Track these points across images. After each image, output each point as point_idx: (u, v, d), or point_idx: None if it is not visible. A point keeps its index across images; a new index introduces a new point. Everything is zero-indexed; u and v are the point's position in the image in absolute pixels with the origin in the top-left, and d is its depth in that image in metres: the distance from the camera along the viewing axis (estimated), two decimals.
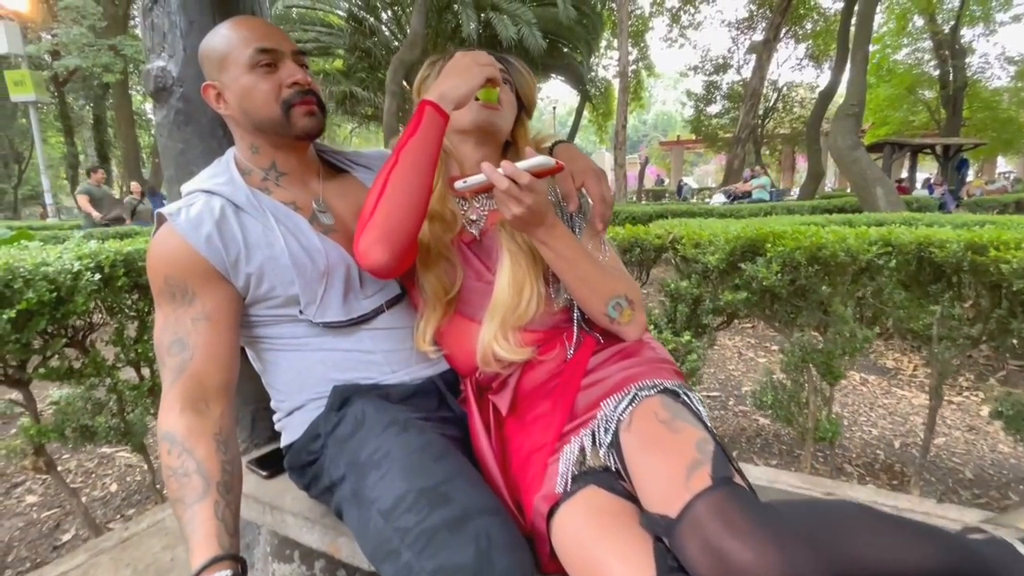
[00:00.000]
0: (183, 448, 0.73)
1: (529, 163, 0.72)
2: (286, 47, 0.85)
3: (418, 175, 0.78)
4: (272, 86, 0.83)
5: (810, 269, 1.63)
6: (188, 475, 0.71)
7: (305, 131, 0.86)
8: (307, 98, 0.85)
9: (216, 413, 0.78)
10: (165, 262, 0.78)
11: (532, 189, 0.73)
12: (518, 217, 0.75)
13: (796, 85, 20.42)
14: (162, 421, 0.75)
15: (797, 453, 2.08)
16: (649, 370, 0.79)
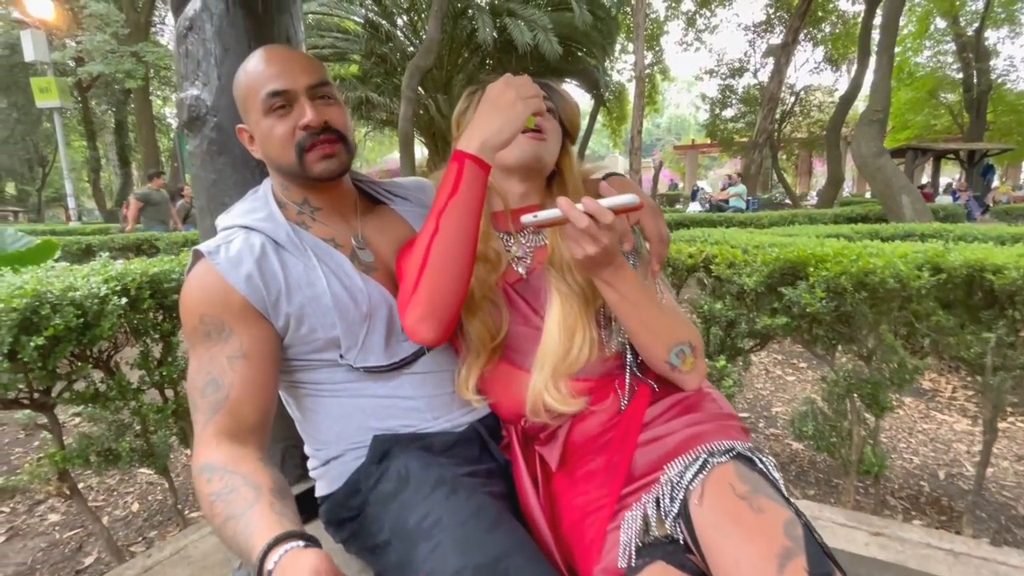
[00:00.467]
0: (225, 470, 0.65)
1: (614, 201, 0.66)
2: (300, 83, 0.78)
3: (463, 241, 0.73)
4: (286, 130, 0.78)
5: (857, 296, 1.55)
6: (235, 489, 0.63)
7: (321, 175, 0.80)
8: (320, 139, 0.79)
9: (252, 447, 0.71)
10: (201, 300, 0.74)
11: (612, 228, 0.67)
12: (591, 257, 0.69)
13: (814, 89, 20.14)
14: (197, 457, 0.69)
15: (835, 483, 1.99)
16: (716, 429, 0.73)
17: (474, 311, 0.82)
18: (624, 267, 0.74)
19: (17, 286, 1.29)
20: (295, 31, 1.03)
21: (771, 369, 3.22)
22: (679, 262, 2.14)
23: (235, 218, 0.81)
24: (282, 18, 0.99)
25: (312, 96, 0.79)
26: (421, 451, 0.79)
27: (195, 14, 0.91)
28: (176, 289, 1.58)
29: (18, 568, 1.66)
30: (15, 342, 1.23)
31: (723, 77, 19.98)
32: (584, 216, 0.66)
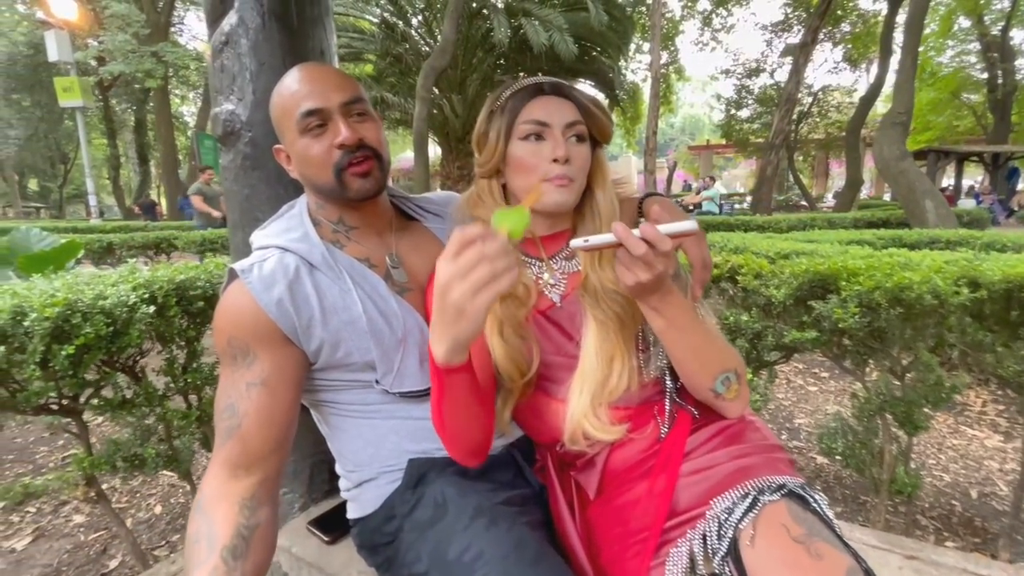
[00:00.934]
0: (202, 512, 0.69)
1: (673, 228, 0.63)
2: (334, 101, 0.77)
3: (469, 418, 0.70)
4: (323, 149, 0.77)
5: (892, 312, 1.51)
6: (197, 540, 0.67)
7: (360, 195, 0.80)
8: (358, 157, 0.78)
9: (254, 479, 0.72)
10: (231, 322, 0.74)
11: (669, 255, 0.64)
12: (642, 284, 0.66)
13: (832, 89, 19.83)
14: (199, 488, 0.72)
15: (862, 499, 1.95)
16: (764, 462, 0.70)
17: (503, 347, 0.78)
18: (672, 292, 0.71)
19: (49, 294, 1.30)
20: (328, 44, 1.02)
21: (792, 379, 3.17)
22: None
23: (270, 237, 0.80)
24: (316, 31, 0.98)
25: (346, 113, 0.78)
26: (457, 476, 0.78)
27: (231, 29, 0.91)
28: (201, 296, 1.59)
29: (44, 570, 1.68)
30: (47, 351, 1.24)
31: (739, 77, 19.76)
32: (641, 243, 0.63)
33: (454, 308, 0.54)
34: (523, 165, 0.78)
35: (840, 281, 1.62)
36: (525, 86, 0.79)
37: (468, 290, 0.52)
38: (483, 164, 0.81)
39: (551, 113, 0.76)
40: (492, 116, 0.80)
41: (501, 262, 0.53)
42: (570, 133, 0.77)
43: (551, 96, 0.78)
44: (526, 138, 0.77)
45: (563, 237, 0.86)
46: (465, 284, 0.52)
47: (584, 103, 0.79)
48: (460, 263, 0.52)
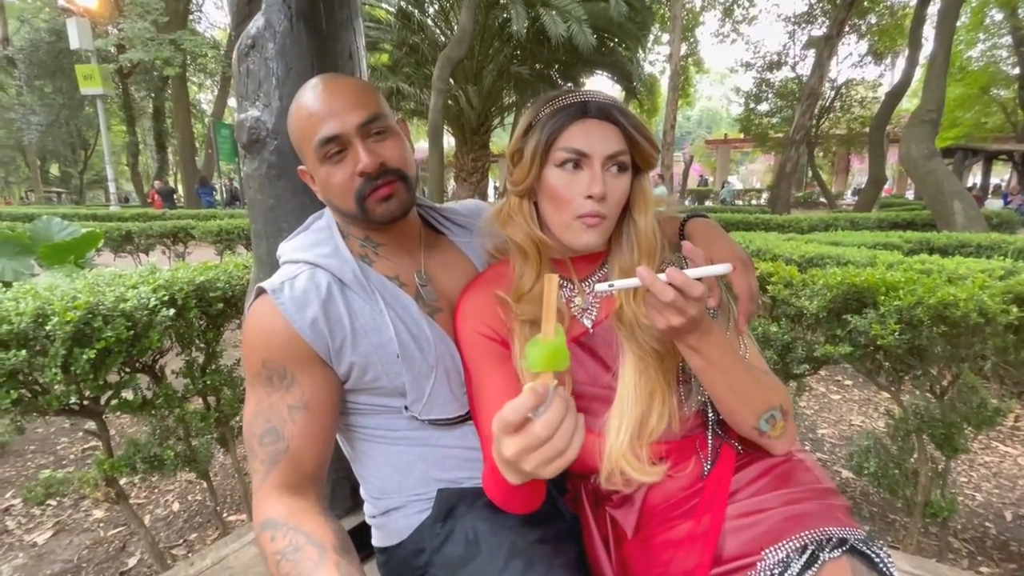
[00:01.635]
0: (288, 527, 0.64)
1: (704, 272, 0.59)
2: (351, 122, 0.72)
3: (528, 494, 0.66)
4: (345, 176, 0.73)
5: (935, 330, 1.44)
6: (299, 548, 0.62)
7: (385, 218, 0.76)
8: (379, 183, 0.74)
9: (312, 497, 0.69)
10: (264, 344, 0.71)
11: (701, 299, 0.60)
12: (674, 328, 0.62)
13: (856, 83, 19.34)
14: (259, 512, 0.67)
15: (891, 518, 1.89)
16: (820, 510, 0.66)
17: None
18: (711, 331, 0.66)
19: (71, 296, 1.29)
20: (357, 46, 0.98)
21: (814, 387, 3.10)
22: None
23: (299, 252, 0.77)
24: (345, 34, 0.94)
25: (365, 135, 0.73)
26: (488, 511, 0.74)
27: (257, 32, 0.87)
28: (221, 298, 1.58)
29: (64, 566, 1.69)
30: (68, 354, 1.23)
31: (759, 70, 19.35)
32: (669, 289, 0.59)
33: (528, 473, 0.51)
34: (555, 195, 0.72)
35: (878, 295, 1.56)
36: (568, 104, 0.72)
37: (535, 463, 0.49)
38: (517, 183, 0.76)
39: (592, 142, 0.70)
40: (530, 132, 0.74)
41: (568, 426, 0.48)
42: (610, 164, 0.72)
43: (595, 120, 0.71)
44: (562, 165, 0.71)
45: (597, 259, 0.81)
46: (534, 458, 0.49)
47: (630, 131, 0.72)
48: (529, 439, 0.48)
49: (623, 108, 0.73)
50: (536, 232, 0.77)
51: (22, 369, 1.19)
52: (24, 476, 2.23)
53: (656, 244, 0.77)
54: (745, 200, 25.59)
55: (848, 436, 2.51)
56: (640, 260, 0.76)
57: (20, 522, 1.91)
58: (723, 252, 0.76)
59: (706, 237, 0.79)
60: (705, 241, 0.78)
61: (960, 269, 2.54)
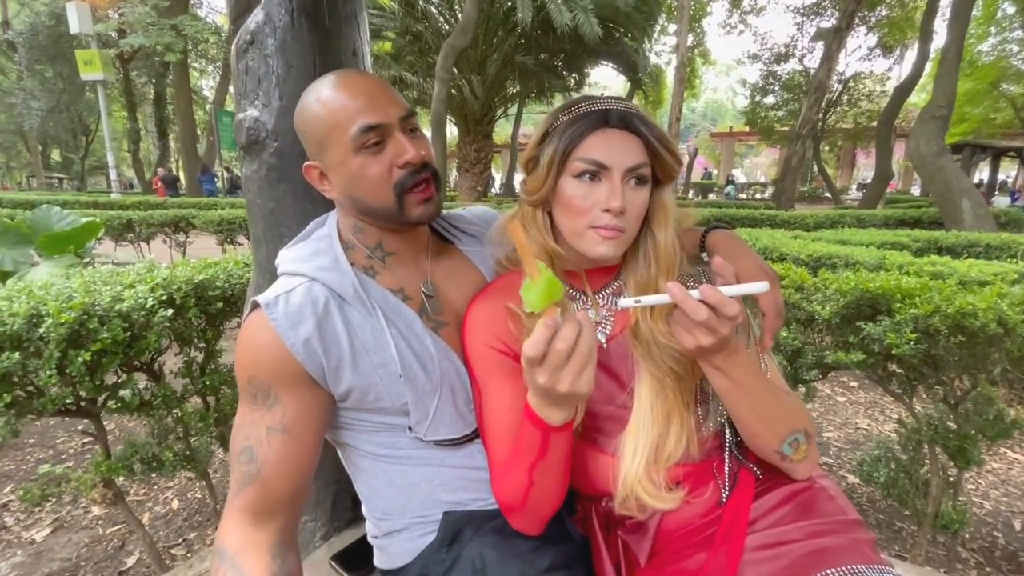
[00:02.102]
0: (231, 564, 0.64)
1: (740, 290, 0.56)
2: (394, 114, 0.70)
3: (557, 481, 0.67)
4: (382, 169, 0.70)
5: (952, 340, 1.40)
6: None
7: (421, 219, 0.73)
8: (422, 178, 0.71)
9: (278, 524, 0.68)
10: (253, 360, 0.68)
11: (735, 319, 0.57)
12: (703, 348, 0.59)
13: (864, 77, 19.09)
14: (218, 534, 0.67)
15: (898, 526, 1.86)
16: (847, 546, 0.62)
17: None
18: (738, 351, 0.62)
19: (66, 296, 1.25)
20: (361, 42, 0.93)
21: (820, 388, 3.06)
22: None
23: (297, 263, 0.73)
24: (349, 30, 0.89)
25: (404, 129, 0.71)
26: (495, 536, 0.71)
27: (257, 27, 0.82)
28: (220, 297, 1.54)
29: (63, 564, 1.68)
30: (63, 356, 1.20)
31: (766, 62, 19.11)
32: (703, 308, 0.56)
33: (566, 394, 0.54)
34: (572, 207, 0.69)
35: (893, 302, 1.52)
36: (588, 112, 0.68)
37: (570, 378, 0.53)
38: (531, 192, 0.73)
39: (613, 154, 0.66)
40: (546, 139, 0.71)
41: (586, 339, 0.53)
42: (630, 177, 0.68)
43: (616, 131, 0.67)
44: (579, 176, 0.68)
45: (611, 271, 0.78)
46: (566, 375, 0.53)
47: (652, 142, 0.68)
48: (555, 358, 0.53)
49: (645, 118, 0.69)
50: (550, 243, 0.74)
51: (16, 372, 1.16)
52: (23, 471, 2.22)
53: (676, 258, 0.73)
54: (749, 194, 25.43)
55: (854, 440, 2.48)
56: (659, 274, 0.73)
57: (19, 518, 1.90)
58: (748, 266, 0.72)
59: (730, 251, 0.75)
60: (729, 255, 0.74)
61: (972, 272, 2.50)
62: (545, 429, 0.60)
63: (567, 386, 0.53)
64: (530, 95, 14.97)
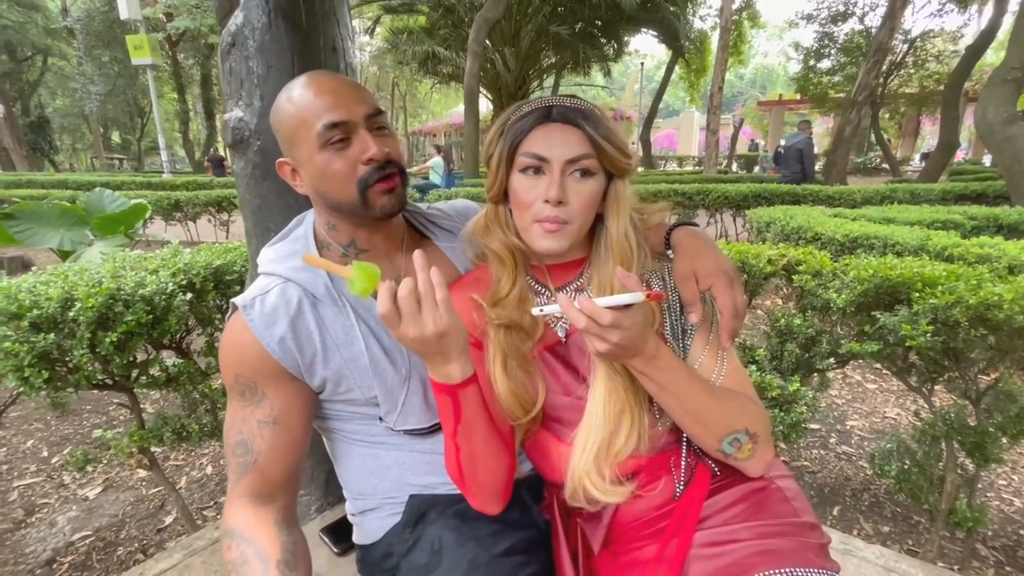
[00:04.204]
0: (242, 538, 0.69)
1: (611, 300, 0.58)
2: (358, 113, 0.72)
3: (486, 443, 0.70)
4: (346, 165, 0.72)
5: (973, 332, 1.33)
6: (247, 561, 0.67)
7: (385, 212, 0.75)
8: (385, 173, 0.73)
9: (279, 504, 0.74)
10: (236, 359, 0.73)
11: (618, 327, 0.58)
12: (604, 354, 0.62)
13: (933, 35, 17.46)
14: (224, 519, 0.73)
15: (915, 520, 1.81)
16: (794, 549, 0.62)
17: (506, 382, 0.73)
18: (658, 356, 0.64)
19: (96, 282, 1.36)
20: (342, 38, 0.95)
21: (849, 374, 2.95)
22: (756, 269, 1.94)
23: (274, 264, 0.77)
24: (328, 27, 0.91)
25: (370, 127, 0.73)
26: (457, 520, 0.75)
27: (237, 29, 0.85)
28: (237, 280, 1.63)
29: (111, 519, 1.87)
30: (93, 337, 1.31)
31: (822, 23, 17.74)
32: (581, 316, 0.58)
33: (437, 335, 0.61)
34: (518, 201, 0.71)
35: (913, 292, 1.44)
36: (533, 110, 0.70)
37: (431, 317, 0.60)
38: (489, 187, 0.75)
39: (552, 146, 0.67)
40: (500, 137, 0.72)
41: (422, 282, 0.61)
42: (572, 169, 0.68)
43: (557, 125, 0.68)
44: (524, 170, 0.69)
45: (575, 266, 0.78)
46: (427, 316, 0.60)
47: (595, 136, 0.68)
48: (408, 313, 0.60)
49: (591, 112, 0.69)
50: (511, 239, 0.76)
51: (52, 351, 1.28)
52: (80, 434, 2.45)
53: (631, 251, 0.73)
54: None
55: (880, 429, 2.39)
56: (615, 269, 0.73)
57: (75, 477, 2.11)
58: (707, 265, 0.71)
59: (691, 249, 0.74)
60: (689, 253, 0.73)
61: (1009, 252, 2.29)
62: (450, 390, 0.65)
63: (432, 325, 0.60)
64: (566, 66, 14.59)
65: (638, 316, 0.60)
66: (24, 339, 1.23)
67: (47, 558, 1.69)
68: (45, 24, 19.26)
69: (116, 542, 1.76)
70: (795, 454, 2.21)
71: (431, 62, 12.79)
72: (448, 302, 0.61)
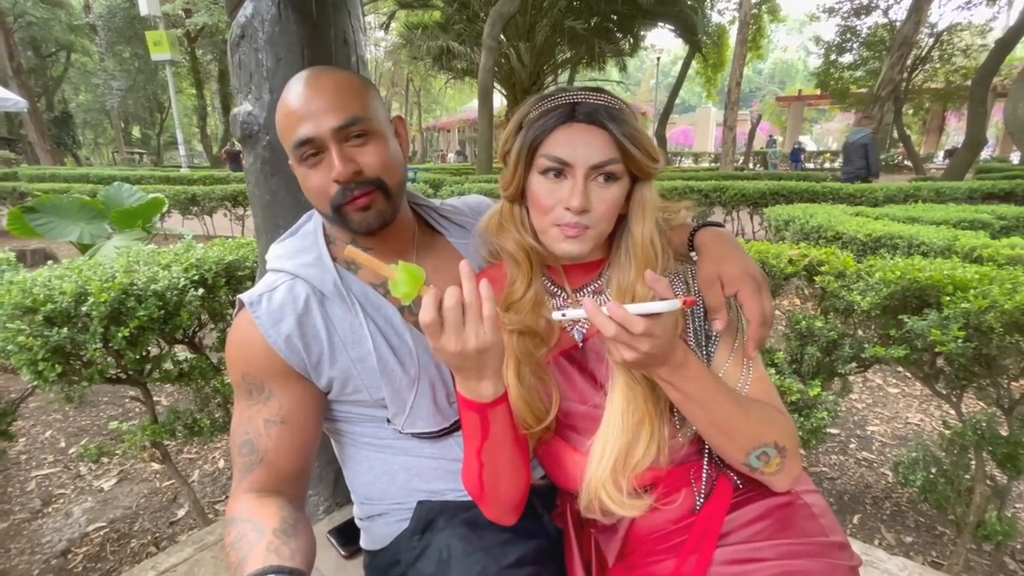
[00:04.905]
0: (241, 520, 0.65)
1: (646, 308, 0.54)
2: (325, 127, 0.67)
3: (509, 460, 0.68)
4: (321, 181, 0.70)
5: (1007, 339, 1.26)
6: (243, 536, 0.63)
7: (362, 228, 0.72)
8: (356, 193, 0.70)
9: (285, 498, 0.70)
10: (243, 357, 0.71)
11: (650, 335, 0.54)
12: (631, 363, 0.58)
13: (960, 28, 16.94)
14: (227, 511, 0.69)
15: (940, 531, 1.75)
16: (821, 571, 0.59)
17: (517, 391, 0.70)
18: (686, 365, 0.60)
19: (109, 276, 1.36)
20: (353, 30, 0.92)
21: (870, 377, 2.87)
22: (776, 269, 1.88)
23: (282, 260, 0.75)
24: (339, 19, 0.89)
25: (342, 139, 0.69)
26: (466, 528, 0.73)
27: (246, 20, 0.83)
28: (249, 276, 1.62)
29: (125, 511, 1.88)
30: (106, 331, 1.31)
31: (844, 16, 17.33)
32: (610, 323, 0.54)
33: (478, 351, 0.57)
34: (537, 203, 0.67)
35: (943, 295, 1.38)
36: (556, 107, 0.65)
37: (474, 332, 0.57)
38: (505, 186, 0.71)
39: (576, 150, 0.63)
40: (519, 132, 0.68)
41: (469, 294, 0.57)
42: (596, 174, 0.64)
43: (582, 126, 0.64)
44: (544, 172, 0.65)
45: (594, 268, 0.75)
46: (470, 331, 0.57)
47: (621, 139, 0.64)
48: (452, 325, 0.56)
49: (618, 112, 0.64)
50: (527, 239, 0.72)
51: (66, 345, 1.28)
52: (97, 425, 2.48)
53: (656, 256, 0.69)
54: (817, 163, 23.62)
55: (903, 435, 2.32)
56: (638, 274, 0.69)
57: (91, 468, 2.14)
58: (733, 269, 0.67)
59: (717, 252, 0.70)
60: (715, 256, 0.69)
61: None
62: (479, 408, 0.62)
63: (475, 341, 0.56)
64: (581, 61, 14.45)
65: (669, 324, 0.57)
66: (38, 333, 1.24)
67: (62, 548, 1.71)
68: (68, 20, 19.63)
69: (129, 534, 1.78)
70: (813, 459, 2.16)
71: (445, 57, 12.77)
72: (495, 319, 0.57)
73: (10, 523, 1.82)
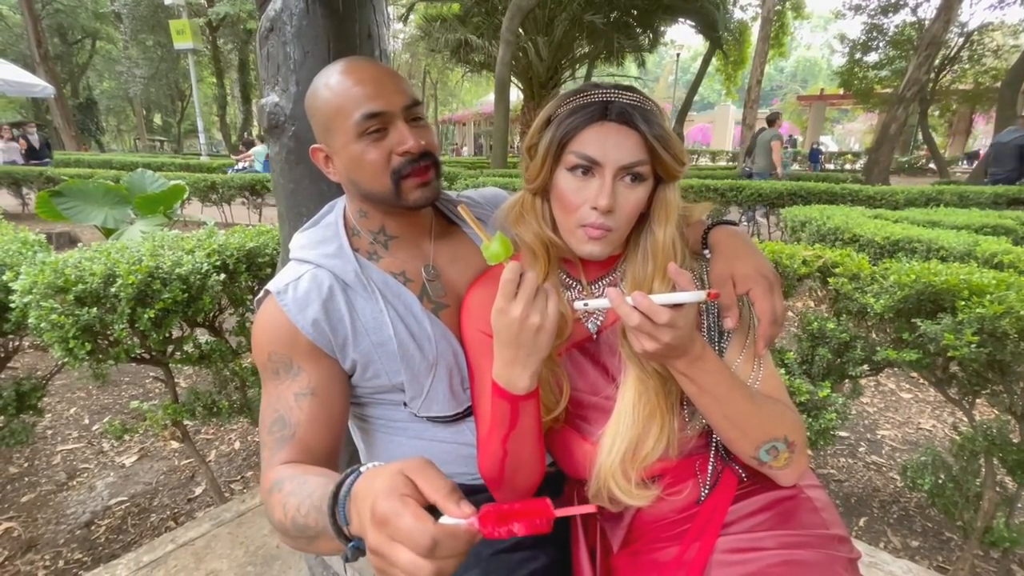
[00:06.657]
0: (291, 478, 0.61)
1: (671, 298, 0.56)
2: (397, 104, 0.72)
3: (531, 451, 0.69)
4: (381, 155, 0.72)
5: (1022, 345, 1.26)
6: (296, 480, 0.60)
7: (417, 204, 0.75)
8: (420, 166, 0.73)
9: None
10: (270, 339, 0.74)
11: (673, 326, 0.56)
12: (650, 353, 0.59)
13: (992, 28, 16.47)
14: (264, 482, 0.66)
15: (947, 536, 1.74)
16: (820, 561, 0.61)
17: None
18: (703, 358, 0.61)
19: (136, 260, 1.41)
20: (377, 24, 0.95)
21: (883, 382, 2.85)
22: (789, 269, 1.88)
23: (305, 250, 0.78)
24: (364, 13, 0.91)
25: (408, 118, 0.73)
26: None
27: (275, 14, 0.86)
28: (269, 263, 1.67)
29: (145, 487, 1.95)
30: (132, 312, 1.36)
31: (871, 14, 16.94)
32: (635, 313, 0.56)
33: (531, 335, 0.59)
34: (563, 200, 0.68)
35: (958, 300, 1.37)
36: (588, 104, 0.65)
37: (540, 309, 0.59)
38: (530, 180, 0.72)
39: (607, 150, 0.64)
40: (547, 126, 0.68)
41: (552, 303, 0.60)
42: (624, 174, 0.65)
43: (614, 125, 0.64)
44: (572, 169, 0.66)
45: (610, 261, 0.77)
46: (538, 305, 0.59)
47: (652, 141, 0.64)
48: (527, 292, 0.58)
49: (650, 112, 0.65)
50: (546, 232, 0.74)
51: (95, 324, 1.33)
52: (119, 404, 2.57)
53: (675, 256, 0.71)
54: (838, 165, 23.19)
55: (914, 440, 2.31)
56: (655, 272, 0.71)
57: (113, 445, 2.21)
58: (745, 268, 0.69)
59: (730, 250, 0.71)
60: (728, 255, 0.71)
61: None
62: (512, 400, 0.63)
63: (539, 317, 0.58)
64: (599, 56, 14.34)
65: (690, 316, 0.58)
66: (69, 312, 1.29)
67: (86, 520, 1.79)
68: (94, 8, 19.97)
69: (149, 509, 1.84)
70: (821, 461, 2.15)
71: (463, 50, 12.75)
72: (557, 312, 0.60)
73: (37, 494, 1.90)
